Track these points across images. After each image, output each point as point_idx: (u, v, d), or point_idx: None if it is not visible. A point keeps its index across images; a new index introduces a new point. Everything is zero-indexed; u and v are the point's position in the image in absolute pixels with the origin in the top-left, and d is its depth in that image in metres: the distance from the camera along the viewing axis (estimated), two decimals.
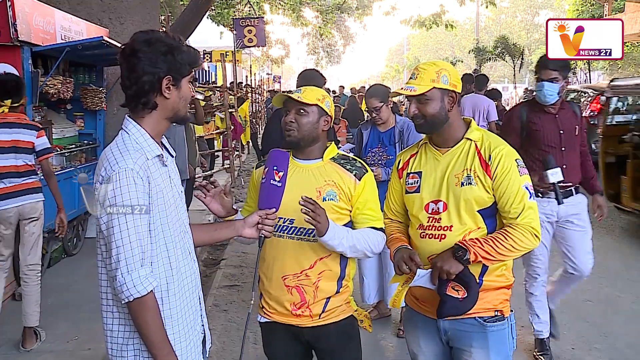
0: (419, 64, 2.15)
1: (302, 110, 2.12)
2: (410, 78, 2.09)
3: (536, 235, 1.98)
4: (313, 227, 2.01)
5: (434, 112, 2.03)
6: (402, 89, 2.09)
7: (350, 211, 2.13)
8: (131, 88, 1.66)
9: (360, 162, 2.20)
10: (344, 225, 2.14)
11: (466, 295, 1.94)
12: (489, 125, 7.21)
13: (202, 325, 1.85)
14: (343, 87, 21.82)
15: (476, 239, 1.97)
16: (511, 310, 2.11)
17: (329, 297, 2.13)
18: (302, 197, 1.95)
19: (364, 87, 17.85)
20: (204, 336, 1.87)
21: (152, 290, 1.58)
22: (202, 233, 1.94)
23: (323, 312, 2.13)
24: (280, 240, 2.12)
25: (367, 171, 2.16)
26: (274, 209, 1.96)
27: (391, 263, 2.14)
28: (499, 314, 2.05)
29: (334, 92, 19.59)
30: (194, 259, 1.83)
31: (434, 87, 2.02)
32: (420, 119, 2.07)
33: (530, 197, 2.00)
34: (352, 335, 2.22)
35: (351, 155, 2.27)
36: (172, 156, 1.81)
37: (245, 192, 2.65)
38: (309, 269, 2.10)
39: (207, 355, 1.89)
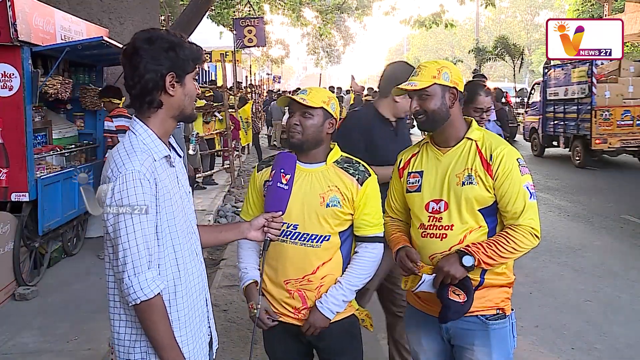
0: (421, 63, 2.16)
1: (307, 113, 2.09)
2: (413, 75, 2.10)
3: (536, 236, 1.99)
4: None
5: (435, 107, 2.04)
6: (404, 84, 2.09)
7: (353, 214, 2.13)
8: (135, 87, 1.64)
9: (363, 165, 2.17)
10: (347, 229, 2.13)
11: (466, 299, 1.96)
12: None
13: (209, 327, 1.84)
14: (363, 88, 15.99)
15: (479, 244, 1.97)
16: (512, 309, 2.12)
17: None
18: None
19: (372, 88, 17.48)
20: (211, 338, 1.85)
21: (159, 293, 1.57)
22: (207, 235, 1.92)
23: None
24: (283, 245, 2.10)
25: (370, 175, 2.14)
26: (281, 212, 1.94)
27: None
28: (500, 312, 2.06)
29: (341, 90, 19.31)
30: (201, 261, 1.81)
31: (435, 83, 2.03)
32: (421, 115, 2.07)
33: (531, 196, 2.00)
34: (354, 334, 2.21)
35: (355, 158, 2.22)
36: (180, 156, 1.78)
37: (245, 192, 2.63)
38: (311, 274, 2.09)
39: (214, 357, 1.88)
